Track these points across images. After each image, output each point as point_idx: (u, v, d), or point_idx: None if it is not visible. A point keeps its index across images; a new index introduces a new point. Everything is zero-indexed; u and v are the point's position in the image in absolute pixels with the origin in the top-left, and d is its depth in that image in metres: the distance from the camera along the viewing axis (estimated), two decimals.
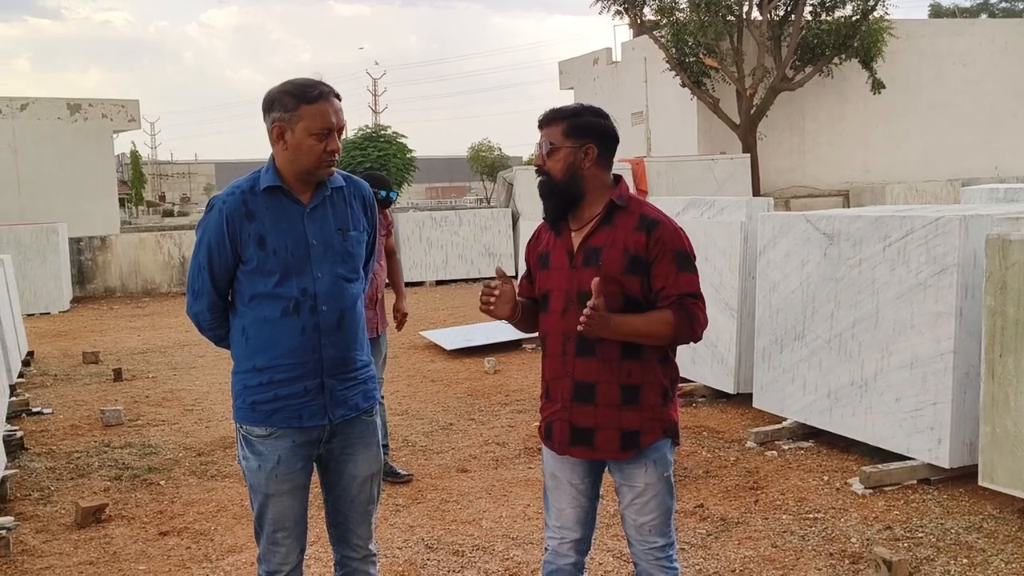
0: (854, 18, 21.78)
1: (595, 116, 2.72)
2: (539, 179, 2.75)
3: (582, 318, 2.53)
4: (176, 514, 4.86)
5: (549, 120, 2.72)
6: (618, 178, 2.76)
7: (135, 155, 49.20)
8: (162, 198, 64.94)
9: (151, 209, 54.15)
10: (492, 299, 2.74)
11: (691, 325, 2.61)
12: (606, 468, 2.80)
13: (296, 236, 2.66)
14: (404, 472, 5.34)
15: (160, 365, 9.38)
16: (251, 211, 2.64)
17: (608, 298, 2.56)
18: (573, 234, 2.72)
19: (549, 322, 2.74)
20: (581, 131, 2.68)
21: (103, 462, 5.85)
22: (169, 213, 50.85)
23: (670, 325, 2.60)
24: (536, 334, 2.88)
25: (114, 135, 24.72)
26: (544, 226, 2.83)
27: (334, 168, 2.70)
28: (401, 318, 5.46)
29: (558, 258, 2.72)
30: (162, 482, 5.41)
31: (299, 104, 2.60)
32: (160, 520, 4.78)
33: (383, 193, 5.10)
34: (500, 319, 2.78)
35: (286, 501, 2.75)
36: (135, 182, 48.11)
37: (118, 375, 8.63)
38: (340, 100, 2.66)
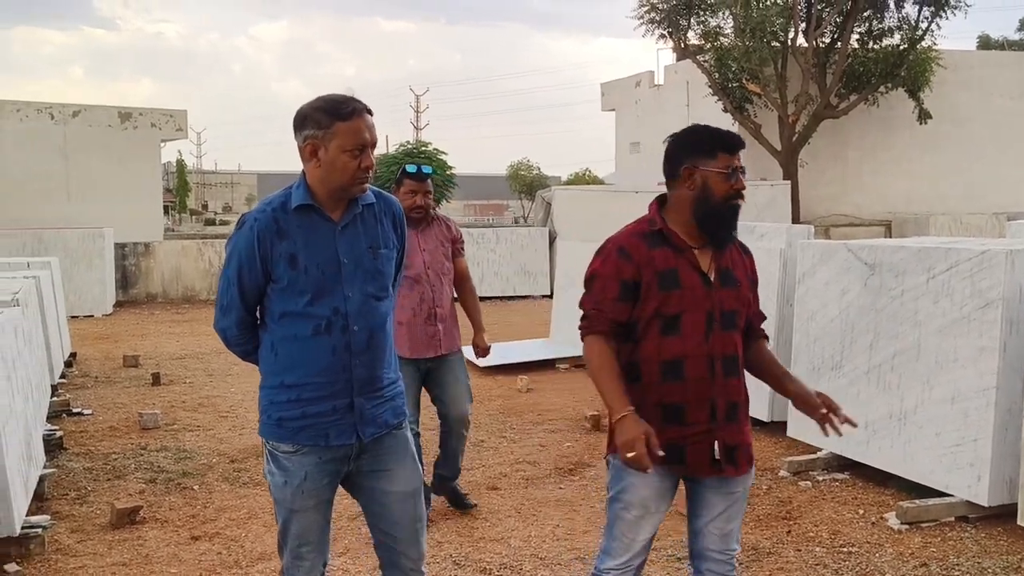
0: (902, 47, 21.60)
1: None
2: (737, 200, 2.70)
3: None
4: (208, 519, 4.91)
5: (742, 144, 2.74)
6: None
7: (181, 164, 50.07)
8: (205, 207, 65.89)
9: (194, 217, 54.96)
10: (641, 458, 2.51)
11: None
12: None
13: (328, 255, 2.64)
14: (470, 501, 5.06)
15: (197, 371, 9.49)
16: (282, 229, 2.61)
17: (741, 317, 2.77)
18: (697, 253, 2.70)
19: (685, 345, 2.64)
20: None
21: (139, 464, 5.92)
22: (211, 222, 51.58)
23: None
24: (557, 350, 2.86)
25: (162, 144, 25.18)
26: (639, 243, 2.68)
27: (367, 185, 2.69)
28: (481, 353, 5.13)
29: (689, 278, 2.66)
30: (195, 487, 5.47)
31: (333, 121, 2.57)
32: (192, 524, 4.83)
33: (413, 169, 4.67)
34: (626, 459, 2.52)
35: (311, 516, 2.73)
36: (179, 190, 48.94)
37: (156, 379, 8.75)
38: (372, 115, 2.64)
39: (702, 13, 22.67)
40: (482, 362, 9.34)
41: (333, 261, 2.64)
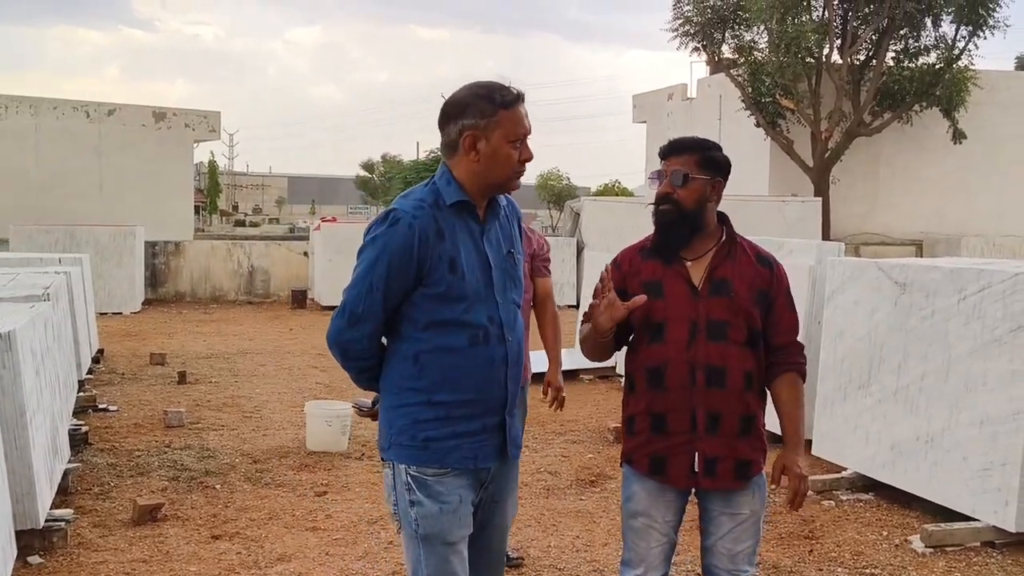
0: (937, 66, 21.40)
1: (721, 152, 2.77)
2: (662, 207, 2.70)
3: (796, 498, 2.72)
4: (229, 519, 4.93)
5: (680, 149, 2.72)
6: (723, 215, 2.80)
7: (212, 165, 50.59)
8: (235, 208, 66.50)
9: (224, 218, 55.46)
10: (601, 300, 2.61)
11: (804, 375, 2.83)
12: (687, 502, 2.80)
13: (480, 257, 2.43)
14: (514, 554, 4.30)
15: (223, 371, 9.56)
16: (441, 229, 2.37)
17: (735, 330, 2.66)
18: (689, 264, 2.71)
19: (666, 352, 2.67)
20: (713, 164, 2.73)
21: (162, 462, 5.96)
22: (241, 223, 52.04)
23: (801, 389, 2.81)
24: (598, 363, 2.85)
25: (195, 144, 25.47)
26: (634, 255, 2.75)
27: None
28: (555, 395, 4.29)
29: (675, 287, 2.68)
30: (218, 486, 5.50)
31: (497, 109, 2.36)
32: (213, 523, 4.85)
33: None
34: (605, 328, 2.63)
35: (463, 552, 2.43)
36: (211, 191, 49.47)
37: (182, 378, 8.82)
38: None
39: (736, 27, 22.60)
40: None
41: (485, 264, 2.44)
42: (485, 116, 2.36)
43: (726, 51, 23.21)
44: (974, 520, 4.70)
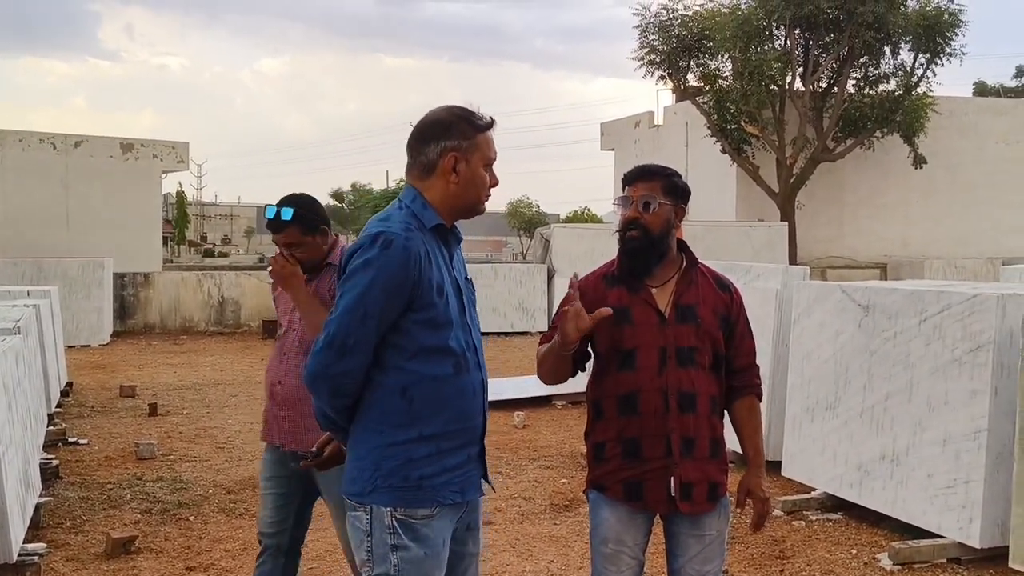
0: (897, 93, 21.86)
1: (682, 179, 2.82)
2: (630, 233, 2.73)
3: (759, 520, 2.85)
4: (203, 550, 4.92)
5: (647, 175, 2.76)
6: (683, 241, 2.85)
7: (181, 195, 50.29)
8: (204, 238, 66.01)
9: (192, 249, 55.06)
10: (573, 308, 2.59)
11: (761, 396, 2.91)
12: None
13: (451, 282, 2.39)
14: None
15: (194, 402, 9.51)
16: (428, 252, 2.31)
17: (702, 355, 2.72)
18: (654, 291, 2.75)
19: (639, 379, 2.70)
20: (677, 191, 2.78)
21: (135, 494, 5.93)
22: (210, 253, 51.69)
23: (759, 411, 2.91)
24: (554, 387, 2.85)
25: (163, 175, 25.33)
26: (598, 281, 2.78)
27: None
28: None
29: (643, 314, 2.72)
30: (191, 517, 5.48)
31: (476, 132, 2.36)
32: (187, 555, 4.84)
33: (271, 213, 3.29)
34: (572, 339, 2.60)
35: None
36: (179, 222, 49.11)
37: (153, 410, 8.76)
38: None
39: (701, 56, 22.95)
40: None
41: (457, 289, 2.41)
42: (467, 138, 2.35)
43: (691, 79, 23.56)
44: (940, 537, 4.80)
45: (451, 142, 2.34)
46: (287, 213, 3.23)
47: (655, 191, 2.73)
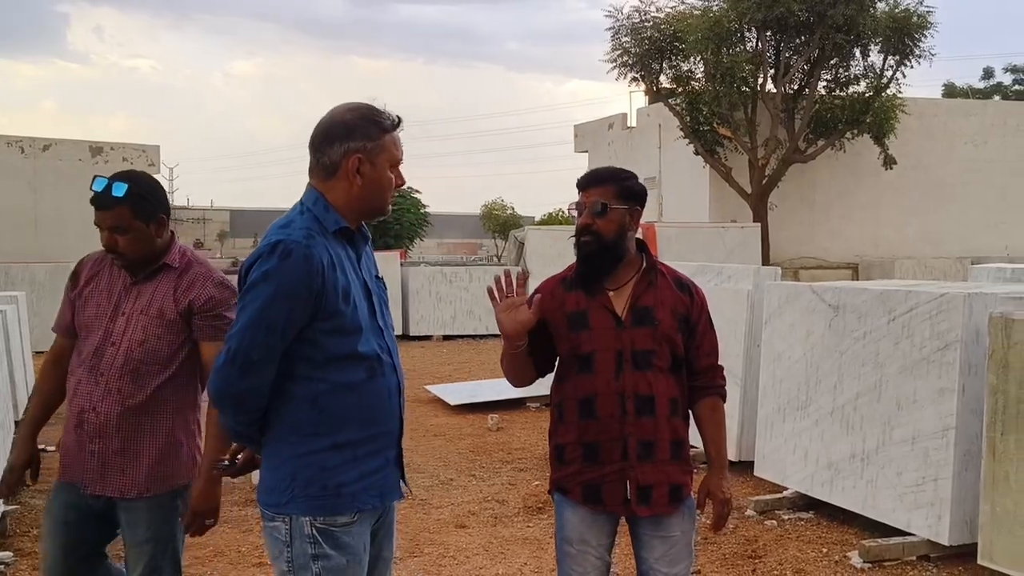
0: (867, 95, 22.07)
1: (637, 181, 2.83)
2: (583, 239, 2.74)
3: (719, 521, 2.82)
4: None
5: (599, 181, 2.77)
6: (642, 242, 2.86)
7: None
8: None
9: None
10: (507, 296, 2.63)
11: (725, 397, 2.91)
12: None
13: (361, 284, 2.35)
14: None
15: None
16: (332, 258, 2.25)
17: (661, 357, 2.72)
18: (612, 294, 2.76)
19: (596, 383, 2.71)
20: (630, 194, 2.78)
21: None
22: None
23: (723, 411, 2.90)
24: (527, 389, 2.86)
25: None
26: (556, 286, 2.79)
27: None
28: None
29: (599, 318, 2.73)
30: None
31: (381, 133, 2.30)
32: None
33: (100, 185, 2.89)
34: (509, 331, 2.64)
35: None
36: None
37: None
38: None
39: (673, 58, 23.04)
40: (453, 400, 9.37)
41: (366, 292, 2.36)
42: (371, 139, 2.29)
43: (664, 81, 23.65)
44: (910, 535, 4.84)
45: (355, 143, 2.28)
46: (119, 188, 2.83)
47: (608, 196, 2.74)
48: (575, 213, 2.78)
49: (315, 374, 2.26)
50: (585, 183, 2.78)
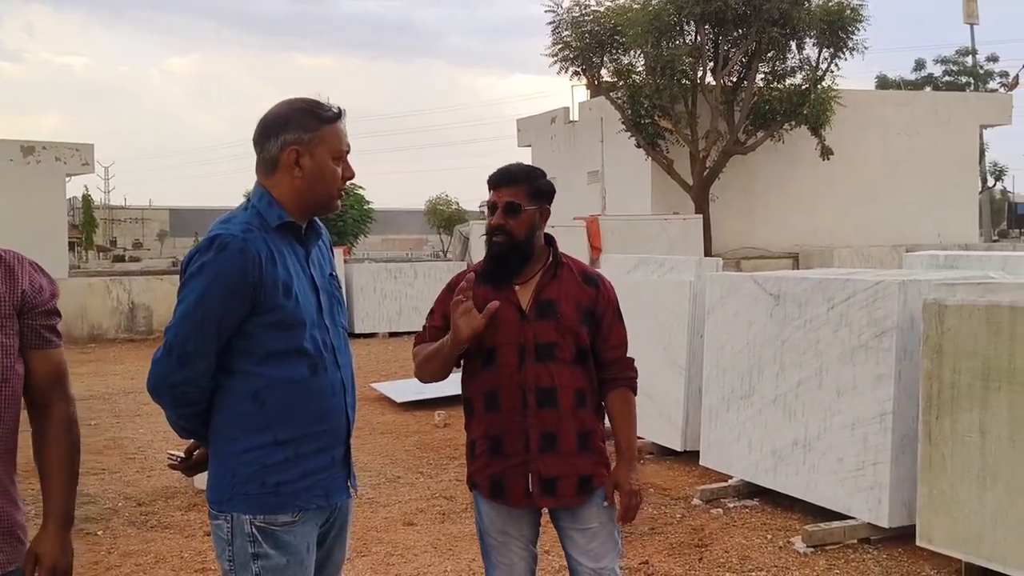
0: (803, 87, 22.45)
1: (546, 179, 2.84)
2: (496, 238, 2.75)
3: (627, 513, 2.78)
4: (113, 565, 4.75)
5: (512, 180, 2.77)
6: (550, 237, 2.87)
7: (87, 199, 48.69)
8: (113, 243, 64.04)
9: (101, 254, 53.37)
10: (465, 304, 2.64)
11: (635, 388, 2.90)
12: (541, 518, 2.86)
13: (308, 281, 2.33)
14: None
15: (103, 412, 9.19)
16: (272, 253, 2.24)
17: (564, 349, 2.73)
18: (517, 288, 2.78)
19: (498, 376, 2.73)
20: (541, 193, 2.80)
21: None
22: (120, 258, 50.16)
23: (633, 403, 2.88)
24: (435, 382, 2.84)
25: (67, 179, 24.47)
26: (467, 280, 2.76)
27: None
28: None
29: (504, 312, 2.73)
30: (100, 532, 5.29)
31: (321, 124, 2.28)
32: (96, 571, 4.67)
33: None
34: (465, 336, 2.63)
35: None
36: (86, 226, 47.53)
37: None
38: None
39: (614, 51, 23.17)
40: (399, 397, 9.31)
41: (313, 288, 2.34)
42: (309, 131, 2.27)
43: (605, 75, 23.77)
44: (851, 518, 4.93)
45: (291, 135, 2.27)
46: None
47: (519, 196, 2.75)
48: (487, 210, 2.81)
49: (255, 369, 2.25)
50: (497, 182, 2.78)
